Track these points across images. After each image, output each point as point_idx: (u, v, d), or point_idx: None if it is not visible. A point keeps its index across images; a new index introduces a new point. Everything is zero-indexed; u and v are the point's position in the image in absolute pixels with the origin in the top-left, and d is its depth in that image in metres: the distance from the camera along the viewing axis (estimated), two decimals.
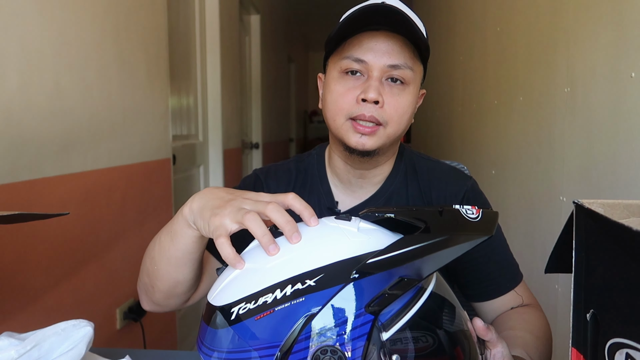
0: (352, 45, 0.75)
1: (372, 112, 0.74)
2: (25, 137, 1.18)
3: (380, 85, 0.74)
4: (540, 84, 1.59)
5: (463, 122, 2.68)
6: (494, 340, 0.58)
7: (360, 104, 0.74)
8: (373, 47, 0.74)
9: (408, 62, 0.75)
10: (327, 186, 0.88)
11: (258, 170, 0.93)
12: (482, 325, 0.57)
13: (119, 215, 1.63)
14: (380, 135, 0.76)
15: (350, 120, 0.76)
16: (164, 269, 0.71)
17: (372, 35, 0.74)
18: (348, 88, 0.76)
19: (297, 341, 0.46)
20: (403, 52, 0.75)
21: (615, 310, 0.37)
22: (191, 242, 0.67)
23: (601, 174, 1.21)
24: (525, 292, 0.84)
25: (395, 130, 0.77)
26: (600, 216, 0.38)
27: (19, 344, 0.58)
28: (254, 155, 4.08)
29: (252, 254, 0.55)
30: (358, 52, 0.75)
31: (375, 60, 0.74)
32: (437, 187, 0.86)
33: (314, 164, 0.90)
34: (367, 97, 0.73)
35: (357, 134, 0.75)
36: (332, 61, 0.80)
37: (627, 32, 1.09)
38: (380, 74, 0.75)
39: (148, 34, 1.84)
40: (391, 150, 0.83)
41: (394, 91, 0.75)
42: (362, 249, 0.50)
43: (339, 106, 0.76)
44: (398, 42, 0.75)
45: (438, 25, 3.47)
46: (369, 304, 0.47)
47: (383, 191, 0.86)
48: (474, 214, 0.53)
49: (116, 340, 1.63)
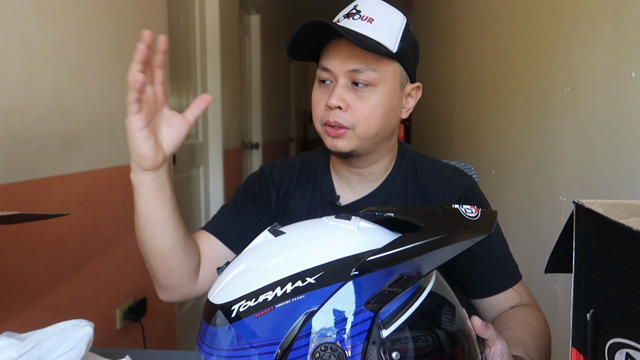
0: (323, 55, 0.80)
1: (335, 118, 0.78)
2: (25, 137, 1.18)
3: (344, 90, 0.78)
4: (540, 84, 1.59)
5: (463, 122, 2.68)
6: (492, 338, 0.59)
7: (327, 110, 0.79)
8: (336, 54, 0.78)
9: (371, 64, 0.77)
10: (330, 181, 0.91)
11: (264, 165, 0.98)
12: (480, 322, 0.58)
13: (119, 215, 1.63)
14: (351, 137, 0.79)
15: (324, 126, 0.81)
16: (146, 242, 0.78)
17: (337, 43, 0.78)
18: (321, 95, 0.81)
19: (298, 338, 0.46)
20: (364, 55, 0.77)
21: (615, 310, 0.37)
22: (146, 192, 0.74)
23: (601, 174, 1.21)
24: (524, 291, 0.85)
25: (365, 132, 0.79)
26: (600, 216, 0.38)
27: (19, 344, 0.58)
28: (254, 155, 4.08)
29: (252, 252, 0.56)
30: (325, 61, 0.79)
31: (337, 66, 0.78)
32: (436, 185, 0.88)
33: (319, 160, 0.94)
34: (329, 104, 0.78)
35: (329, 137, 0.80)
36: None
37: (627, 32, 1.09)
38: (345, 80, 0.78)
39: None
40: (382, 149, 0.85)
41: (359, 94, 0.78)
42: (362, 247, 0.51)
43: (315, 113, 0.82)
44: (357, 47, 0.76)
45: (438, 25, 3.47)
46: (368, 301, 0.47)
47: (383, 188, 0.88)
48: (473, 213, 0.53)
49: (116, 340, 1.63)
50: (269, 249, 0.54)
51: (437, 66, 3.42)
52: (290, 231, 0.57)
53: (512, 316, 0.80)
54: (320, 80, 0.81)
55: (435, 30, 3.54)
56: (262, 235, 0.58)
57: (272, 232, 0.57)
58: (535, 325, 0.77)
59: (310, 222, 0.60)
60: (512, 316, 0.80)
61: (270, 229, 0.58)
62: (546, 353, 0.74)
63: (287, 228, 0.58)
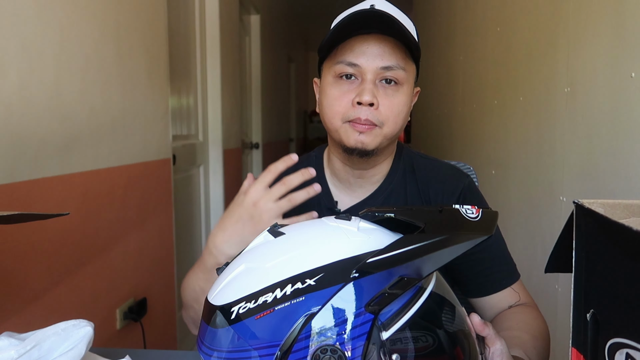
0: (345, 50, 0.78)
1: (367, 115, 0.76)
2: (25, 137, 1.18)
3: (374, 87, 0.77)
4: (540, 84, 1.59)
5: (463, 122, 2.68)
6: (491, 336, 0.59)
7: (355, 107, 0.77)
8: (365, 51, 0.76)
9: (400, 63, 0.77)
10: (326, 186, 0.90)
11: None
12: (479, 320, 0.58)
13: (119, 215, 1.63)
14: (377, 135, 0.78)
15: (347, 123, 0.78)
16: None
17: (363, 39, 0.77)
18: (343, 92, 0.78)
19: (297, 340, 0.46)
20: (395, 53, 0.77)
21: (615, 310, 0.37)
22: None
23: (601, 174, 1.21)
24: (522, 290, 0.85)
25: (391, 130, 0.79)
26: (600, 216, 0.38)
27: (19, 344, 0.58)
28: (254, 155, 4.08)
29: (252, 253, 0.56)
30: (351, 57, 0.77)
31: (368, 63, 0.76)
32: (435, 185, 0.88)
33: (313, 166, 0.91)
34: (362, 100, 0.75)
35: (355, 132, 0.77)
36: (326, 66, 0.82)
37: (627, 32, 1.09)
38: (374, 77, 0.77)
39: (148, 34, 1.84)
40: (389, 149, 0.86)
41: (388, 92, 0.77)
42: (362, 248, 0.50)
43: (335, 110, 0.79)
44: (389, 44, 0.77)
45: (438, 25, 3.47)
46: (368, 303, 0.47)
47: (382, 190, 0.88)
48: (473, 214, 0.53)
49: (116, 340, 1.63)
50: (268, 250, 0.54)
51: (437, 66, 3.41)
52: (289, 232, 0.57)
53: (510, 316, 0.80)
54: (339, 76, 0.79)
55: (435, 30, 3.54)
56: (261, 236, 0.58)
57: (271, 233, 0.57)
58: (534, 325, 0.77)
59: (310, 222, 0.60)
60: (511, 316, 0.80)
61: (270, 229, 0.58)
62: (545, 353, 0.74)
63: (286, 229, 0.58)
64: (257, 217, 0.72)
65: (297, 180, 0.75)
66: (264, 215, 0.71)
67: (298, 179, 0.75)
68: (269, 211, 0.72)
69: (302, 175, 0.75)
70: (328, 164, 0.91)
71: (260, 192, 0.74)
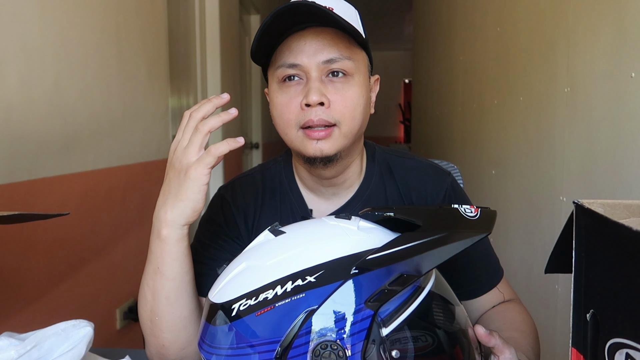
0: (283, 52, 0.72)
1: (319, 115, 0.70)
2: (25, 137, 1.18)
3: (321, 84, 0.70)
4: (540, 84, 1.59)
5: (463, 122, 2.68)
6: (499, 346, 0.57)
7: (305, 109, 0.70)
8: (303, 48, 0.71)
9: (344, 53, 0.71)
10: (298, 194, 0.83)
11: (222, 189, 0.88)
12: (484, 332, 0.56)
13: (119, 215, 1.63)
14: (337, 137, 0.71)
15: (301, 130, 0.72)
16: (168, 310, 0.69)
17: (299, 36, 0.71)
18: (290, 97, 0.72)
19: (298, 337, 0.47)
20: (335, 44, 0.71)
21: (615, 310, 0.37)
22: (181, 249, 0.66)
23: (601, 174, 1.21)
24: (506, 288, 0.83)
25: (350, 128, 0.72)
26: (600, 216, 0.38)
27: (19, 344, 0.58)
28: (254, 155, 4.08)
29: (253, 251, 0.56)
30: (289, 57, 0.71)
31: (309, 60, 0.70)
32: (416, 187, 0.83)
33: (281, 171, 0.86)
34: (310, 101, 0.69)
35: (312, 141, 0.71)
36: (269, 74, 0.77)
37: (627, 32, 1.09)
38: (319, 73, 0.71)
39: (148, 34, 1.84)
40: (354, 150, 0.79)
41: (337, 86, 0.71)
42: (362, 246, 0.51)
43: (286, 117, 0.72)
44: (328, 35, 0.71)
45: (438, 25, 3.47)
46: (368, 299, 0.47)
47: (360, 195, 0.82)
48: (472, 213, 0.54)
49: (116, 340, 1.63)
50: (269, 248, 0.55)
51: (437, 66, 3.42)
52: (290, 230, 0.57)
53: (496, 316, 0.79)
54: (283, 80, 0.72)
55: (435, 30, 3.54)
56: (262, 235, 0.58)
57: (272, 232, 0.58)
58: (520, 321, 0.77)
59: (311, 221, 0.60)
60: (497, 316, 0.79)
61: (271, 228, 0.59)
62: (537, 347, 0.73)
63: (287, 227, 0.58)
64: (182, 173, 0.63)
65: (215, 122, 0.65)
66: (190, 171, 0.62)
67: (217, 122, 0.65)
68: (192, 164, 0.62)
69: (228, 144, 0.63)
70: (297, 171, 0.84)
71: (181, 149, 0.64)
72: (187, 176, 0.62)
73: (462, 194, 0.87)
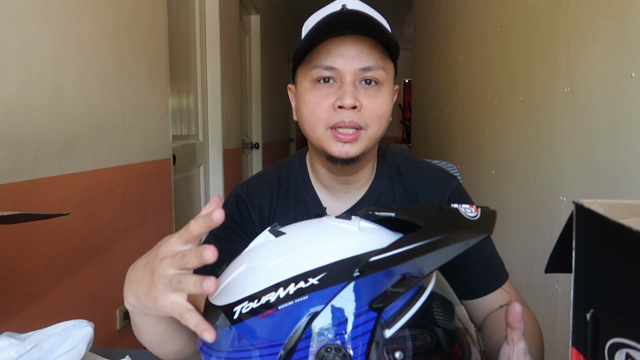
0: (320, 54, 0.75)
1: (351, 118, 0.74)
2: (25, 137, 1.18)
3: (354, 89, 0.74)
4: (540, 84, 1.59)
5: (463, 122, 2.68)
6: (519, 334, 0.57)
7: (337, 111, 0.74)
8: (342, 53, 0.74)
9: (379, 63, 0.75)
10: (313, 192, 0.86)
11: (238, 188, 0.89)
12: (520, 310, 0.56)
13: (119, 215, 1.63)
14: (363, 140, 0.75)
15: (330, 130, 0.75)
16: (160, 350, 0.68)
17: (339, 41, 0.74)
18: (323, 96, 0.75)
19: (301, 339, 0.46)
20: (372, 53, 0.75)
21: (615, 310, 0.37)
22: (158, 322, 0.60)
23: (601, 174, 1.21)
24: (512, 289, 0.85)
25: (376, 132, 0.77)
26: (600, 216, 0.38)
27: (19, 344, 0.58)
28: (254, 155, 4.08)
29: (253, 252, 0.56)
30: (327, 60, 0.74)
31: (346, 65, 0.74)
32: (424, 189, 0.86)
33: (296, 171, 0.89)
34: (344, 104, 0.73)
35: (339, 143, 0.75)
36: (301, 72, 0.80)
37: (627, 32, 1.09)
38: (353, 78, 0.74)
39: (148, 34, 1.84)
40: (372, 152, 0.83)
41: (369, 93, 0.75)
42: (364, 247, 0.51)
43: (317, 116, 0.76)
44: (366, 44, 0.75)
45: (438, 26, 3.47)
46: (372, 301, 0.47)
47: (370, 195, 0.86)
48: (473, 213, 0.53)
49: (116, 340, 1.63)
50: (270, 250, 0.54)
51: (437, 66, 3.42)
52: (290, 231, 0.57)
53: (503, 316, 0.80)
54: (317, 81, 0.76)
55: (435, 30, 3.54)
56: (262, 236, 0.58)
57: (272, 233, 0.57)
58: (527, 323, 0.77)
59: (311, 222, 0.60)
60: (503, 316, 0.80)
61: (271, 229, 0.58)
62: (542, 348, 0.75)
63: (287, 228, 0.58)
64: (155, 277, 0.51)
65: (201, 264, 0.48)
66: (159, 282, 0.50)
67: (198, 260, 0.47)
68: (164, 278, 0.50)
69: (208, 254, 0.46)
70: (312, 170, 0.88)
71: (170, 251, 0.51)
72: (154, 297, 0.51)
73: (467, 196, 0.90)
